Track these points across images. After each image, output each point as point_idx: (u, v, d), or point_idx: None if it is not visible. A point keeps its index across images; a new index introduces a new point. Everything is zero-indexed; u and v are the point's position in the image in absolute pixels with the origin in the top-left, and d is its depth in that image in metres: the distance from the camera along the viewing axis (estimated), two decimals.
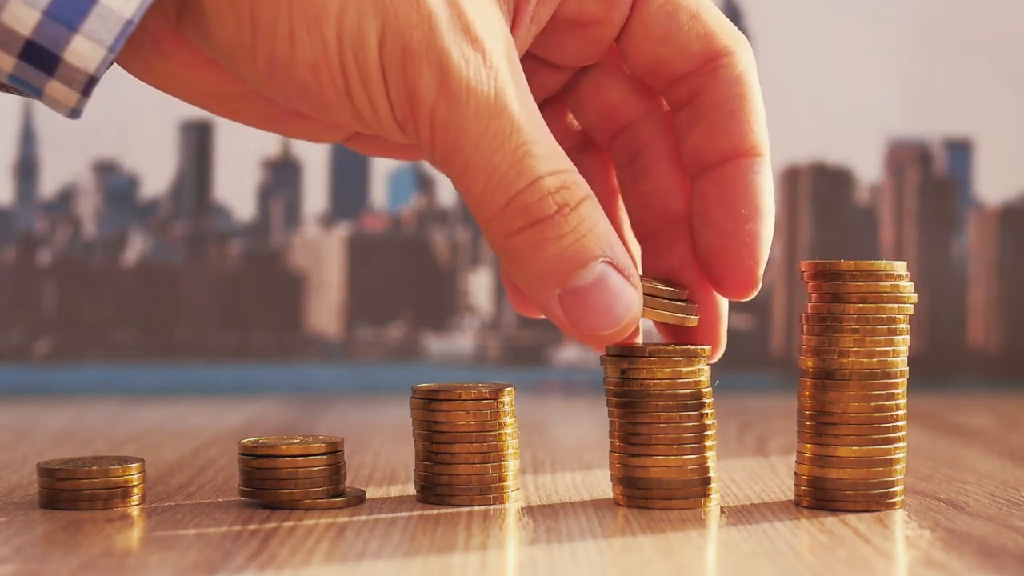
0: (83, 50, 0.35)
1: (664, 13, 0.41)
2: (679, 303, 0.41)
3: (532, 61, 0.43)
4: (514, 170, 0.37)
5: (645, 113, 0.44)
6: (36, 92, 0.36)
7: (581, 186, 0.38)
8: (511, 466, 0.42)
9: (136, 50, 0.39)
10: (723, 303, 0.43)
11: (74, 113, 0.37)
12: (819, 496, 0.41)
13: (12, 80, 0.36)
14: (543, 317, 0.45)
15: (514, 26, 0.40)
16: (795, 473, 0.42)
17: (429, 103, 0.36)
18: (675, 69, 0.42)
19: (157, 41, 0.39)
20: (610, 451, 0.42)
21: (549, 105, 0.45)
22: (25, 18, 0.35)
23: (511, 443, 0.42)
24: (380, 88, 0.37)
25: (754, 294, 0.42)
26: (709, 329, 0.43)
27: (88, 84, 0.36)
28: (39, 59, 0.35)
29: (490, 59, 0.37)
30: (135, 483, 0.42)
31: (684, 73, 0.42)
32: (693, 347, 0.41)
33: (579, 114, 0.45)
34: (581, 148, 0.46)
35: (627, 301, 0.38)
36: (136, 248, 0.91)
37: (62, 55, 0.35)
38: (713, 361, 0.43)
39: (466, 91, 0.36)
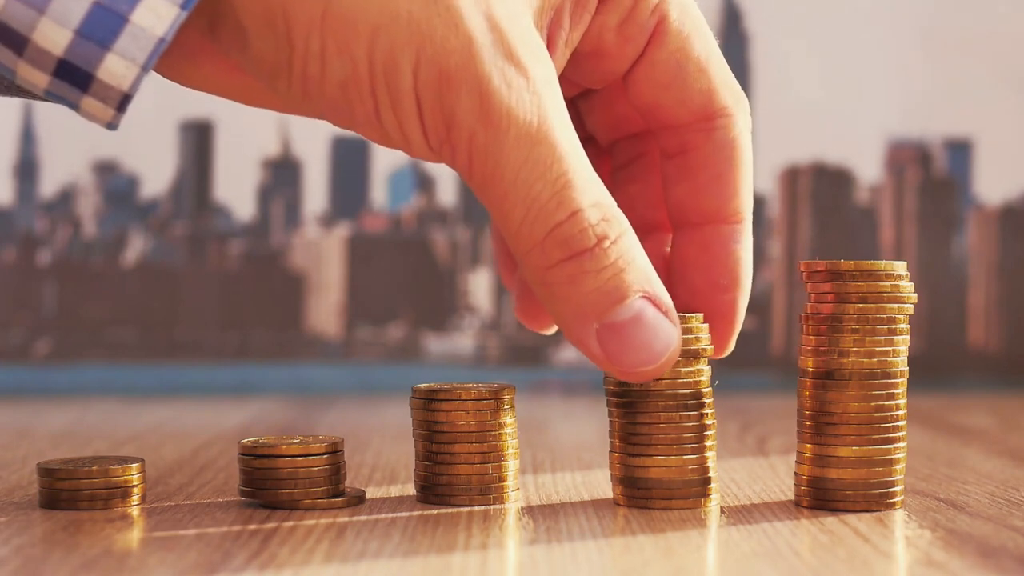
0: (116, 68, 0.35)
1: (674, 61, 0.41)
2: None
3: None
4: (554, 200, 0.36)
5: (649, 129, 0.45)
6: (73, 106, 0.36)
7: (621, 219, 0.37)
8: (511, 466, 0.42)
9: (167, 59, 0.39)
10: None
11: (111, 126, 0.37)
12: (819, 496, 0.41)
13: (48, 95, 0.36)
14: (550, 332, 0.45)
15: (549, 50, 0.39)
16: (795, 473, 0.42)
17: (467, 129, 0.36)
18: (672, 117, 0.42)
19: (190, 53, 0.39)
20: (610, 451, 0.42)
21: None
22: (57, 38, 0.34)
23: (511, 443, 0.42)
24: (413, 113, 0.36)
25: (726, 354, 0.43)
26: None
27: (123, 101, 0.35)
28: (72, 77, 0.35)
29: (534, 84, 0.36)
30: (135, 483, 0.42)
31: (680, 124, 0.42)
32: (693, 347, 0.41)
33: (588, 118, 0.45)
34: (583, 141, 0.46)
35: (665, 337, 0.38)
36: (136, 248, 0.91)
37: (95, 73, 0.35)
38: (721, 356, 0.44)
39: (507, 118, 0.36)
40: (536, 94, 0.36)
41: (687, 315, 0.41)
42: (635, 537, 0.37)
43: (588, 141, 0.46)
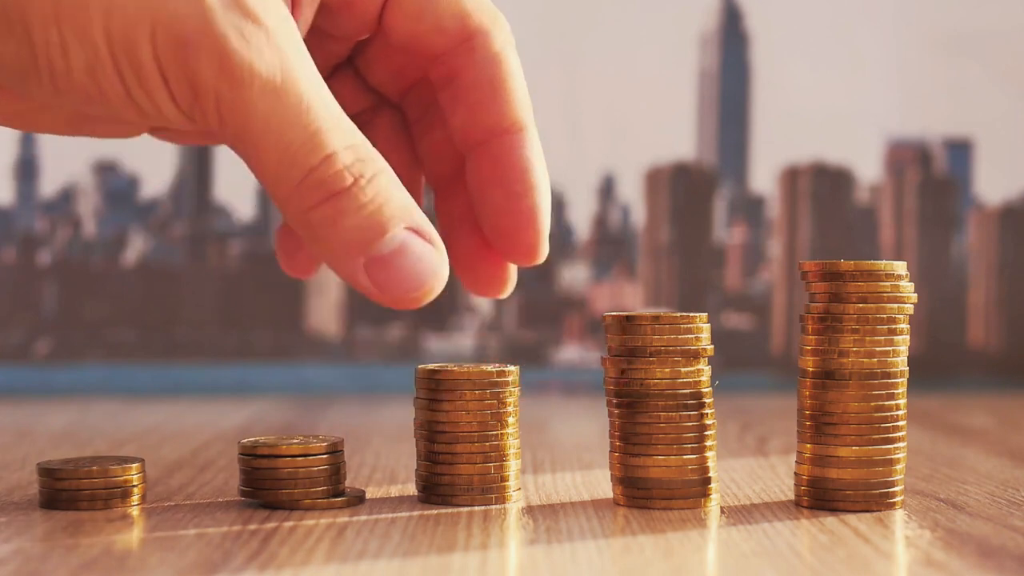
0: None
1: None
2: None
3: (318, 34, 0.44)
4: (307, 146, 0.37)
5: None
6: None
7: (375, 159, 0.38)
8: (512, 466, 0.42)
9: None
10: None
11: None
12: (819, 496, 0.41)
13: None
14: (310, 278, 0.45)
15: (294, 5, 0.41)
16: (795, 473, 0.42)
17: (213, 90, 0.36)
18: (432, 46, 0.43)
19: None
20: (610, 451, 0.42)
21: (340, 71, 0.46)
22: None
23: (512, 443, 0.42)
24: (159, 84, 0.37)
25: (541, 260, 0.44)
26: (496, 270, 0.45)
27: None
28: None
29: (273, 38, 0.37)
30: (135, 483, 0.42)
31: (441, 51, 0.43)
32: (693, 347, 0.41)
33: (370, 75, 0.46)
34: (374, 109, 0.47)
35: (431, 264, 0.39)
36: (136, 248, 0.91)
37: None
38: (502, 297, 0.46)
39: (249, 73, 0.36)
40: (276, 48, 0.37)
41: (689, 315, 0.41)
42: (635, 537, 0.37)
43: (381, 108, 0.47)
